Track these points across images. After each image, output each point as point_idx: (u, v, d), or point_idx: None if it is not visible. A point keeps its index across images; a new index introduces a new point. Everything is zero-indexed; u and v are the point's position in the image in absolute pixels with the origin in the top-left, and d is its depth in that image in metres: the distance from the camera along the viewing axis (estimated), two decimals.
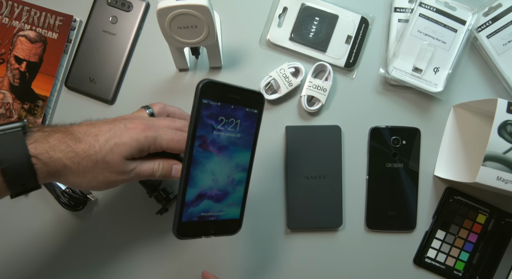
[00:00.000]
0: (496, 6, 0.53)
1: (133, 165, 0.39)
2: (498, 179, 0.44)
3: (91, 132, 0.37)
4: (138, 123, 0.39)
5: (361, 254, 0.55)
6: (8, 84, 0.54)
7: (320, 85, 0.53)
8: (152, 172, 0.40)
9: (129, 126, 0.38)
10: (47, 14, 0.54)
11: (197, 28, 0.43)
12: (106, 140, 0.37)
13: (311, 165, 0.54)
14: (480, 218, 0.55)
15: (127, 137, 0.38)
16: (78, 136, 0.37)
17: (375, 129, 0.55)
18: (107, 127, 0.38)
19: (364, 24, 0.55)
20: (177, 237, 0.35)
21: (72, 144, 0.36)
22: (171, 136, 0.40)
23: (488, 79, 0.55)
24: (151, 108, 0.45)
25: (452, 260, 0.55)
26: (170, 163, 0.42)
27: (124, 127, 0.38)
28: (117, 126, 0.38)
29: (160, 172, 0.41)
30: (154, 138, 0.39)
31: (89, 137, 0.37)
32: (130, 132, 0.38)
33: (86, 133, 0.37)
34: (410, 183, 0.55)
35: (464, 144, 0.54)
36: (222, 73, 0.55)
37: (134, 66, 0.55)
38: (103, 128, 0.38)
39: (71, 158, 0.36)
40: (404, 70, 0.53)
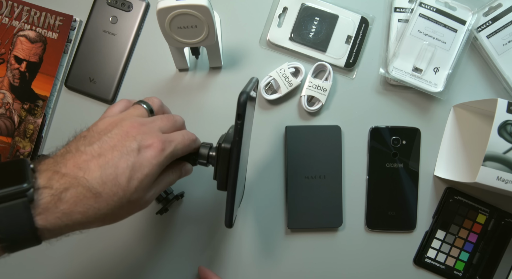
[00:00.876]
0: (496, 6, 0.53)
1: (153, 191, 0.36)
2: (498, 179, 0.44)
3: (108, 175, 0.31)
4: (152, 140, 0.34)
5: (361, 254, 0.55)
6: (8, 84, 0.54)
7: (320, 85, 0.53)
8: (169, 184, 0.39)
9: (143, 148, 0.33)
10: (47, 14, 0.54)
11: (197, 28, 0.43)
12: (128, 179, 0.32)
13: (311, 165, 0.54)
14: (480, 218, 0.55)
15: (148, 166, 0.33)
16: (96, 188, 0.31)
17: (375, 129, 0.55)
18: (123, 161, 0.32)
19: (364, 24, 0.55)
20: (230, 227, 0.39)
21: (92, 202, 0.31)
22: (182, 142, 0.37)
23: (488, 79, 0.55)
24: (148, 103, 0.39)
25: (452, 260, 0.55)
26: (179, 167, 0.40)
27: (139, 153, 0.33)
28: (132, 154, 0.33)
29: (175, 181, 0.40)
30: (172, 153, 0.35)
31: (109, 184, 0.31)
32: (148, 156, 0.33)
33: (103, 178, 0.31)
34: (410, 183, 0.55)
35: (464, 144, 0.54)
36: (222, 73, 0.55)
37: (134, 66, 0.55)
38: (120, 164, 0.32)
39: (93, 216, 0.31)
40: (404, 70, 0.53)
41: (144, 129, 0.35)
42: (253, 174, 0.55)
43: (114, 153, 0.32)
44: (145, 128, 0.35)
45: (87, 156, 0.32)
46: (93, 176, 0.31)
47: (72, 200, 0.30)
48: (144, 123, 0.36)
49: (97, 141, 0.33)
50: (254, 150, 0.55)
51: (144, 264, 0.54)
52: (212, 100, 0.55)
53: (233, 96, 0.55)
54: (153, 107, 0.40)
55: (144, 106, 0.39)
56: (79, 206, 0.30)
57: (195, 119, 0.55)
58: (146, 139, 0.34)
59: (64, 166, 0.31)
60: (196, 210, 0.55)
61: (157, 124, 0.37)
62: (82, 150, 0.32)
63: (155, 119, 0.38)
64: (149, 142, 0.34)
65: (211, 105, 0.55)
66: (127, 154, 0.33)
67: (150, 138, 0.34)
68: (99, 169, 0.31)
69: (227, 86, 0.55)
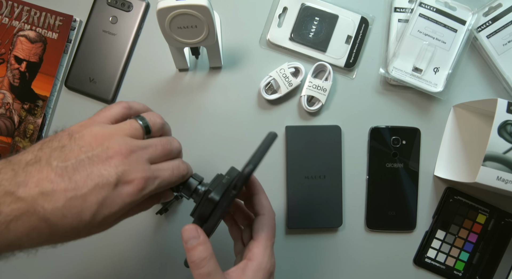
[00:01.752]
0: (496, 6, 0.53)
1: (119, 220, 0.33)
2: (498, 179, 0.44)
3: (72, 208, 0.27)
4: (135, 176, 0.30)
5: (361, 254, 0.55)
6: (8, 84, 0.54)
7: (320, 85, 0.53)
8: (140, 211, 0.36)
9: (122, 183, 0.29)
10: (47, 14, 0.54)
11: (197, 28, 0.43)
12: (92, 215, 0.28)
13: (311, 165, 0.53)
14: (480, 218, 0.55)
15: (119, 204, 0.29)
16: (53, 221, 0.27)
17: (375, 129, 0.55)
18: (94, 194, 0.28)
19: (364, 24, 0.55)
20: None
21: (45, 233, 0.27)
22: (169, 178, 0.33)
23: (488, 79, 0.55)
24: (147, 121, 0.34)
25: (452, 260, 0.55)
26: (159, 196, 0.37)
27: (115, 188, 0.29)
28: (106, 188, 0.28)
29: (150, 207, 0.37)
30: (152, 192, 0.31)
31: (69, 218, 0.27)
32: (124, 195, 0.29)
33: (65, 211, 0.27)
34: (410, 183, 0.55)
35: (464, 144, 0.54)
36: (222, 73, 0.55)
37: (134, 66, 0.55)
38: (89, 197, 0.28)
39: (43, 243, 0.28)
40: (404, 70, 0.53)
41: (130, 159, 0.30)
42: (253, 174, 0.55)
43: (88, 181, 0.28)
44: (133, 157, 0.30)
45: (56, 176, 0.27)
46: (54, 207, 0.27)
47: (22, 230, 0.26)
48: (134, 149, 0.31)
49: (73, 159, 0.28)
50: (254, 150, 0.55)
51: (144, 264, 0.54)
52: (212, 100, 0.55)
53: (233, 96, 0.55)
54: (151, 128, 0.34)
55: (140, 123, 0.33)
56: (29, 236, 0.27)
57: (195, 119, 0.55)
58: (128, 173, 0.29)
59: (23, 185, 0.27)
60: None
61: (148, 152, 0.32)
62: (54, 166, 0.28)
63: (148, 145, 0.32)
64: (130, 178, 0.29)
65: (211, 105, 0.55)
66: (101, 187, 0.28)
67: (133, 172, 0.30)
68: (64, 199, 0.27)
69: (227, 86, 0.55)
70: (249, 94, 0.55)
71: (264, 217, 0.38)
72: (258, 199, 0.39)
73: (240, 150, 0.55)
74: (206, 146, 0.55)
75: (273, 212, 0.39)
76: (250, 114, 0.55)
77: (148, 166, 0.31)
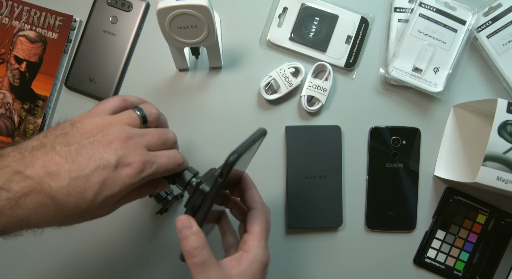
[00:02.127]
0: (496, 6, 0.53)
1: (119, 203, 0.35)
2: (498, 179, 0.44)
3: (76, 187, 0.30)
4: (132, 159, 0.32)
5: (361, 254, 0.55)
6: (8, 84, 0.54)
7: (320, 85, 0.53)
8: (137, 198, 0.37)
9: (122, 166, 0.31)
10: (47, 14, 0.54)
11: (197, 28, 0.43)
12: (95, 195, 0.30)
13: (311, 165, 0.54)
14: (480, 218, 0.55)
15: (119, 185, 0.31)
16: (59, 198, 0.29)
17: (375, 129, 0.55)
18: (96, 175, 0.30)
19: (364, 24, 0.55)
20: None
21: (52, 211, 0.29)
22: (166, 165, 0.35)
23: (488, 79, 0.55)
24: (144, 112, 0.37)
25: (452, 260, 0.55)
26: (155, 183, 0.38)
27: (116, 170, 0.31)
28: (107, 169, 0.31)
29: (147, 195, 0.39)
30: (150, 175, 0.33)
31: (74, 196, 0.30)
32: (123, 176, 0.31)
33: (70, 189, 0.29)
34: (410, 183, 0.55)
35: (464, 144, 0.54)
36: (222, 73, 0.55)
37: (134, 66, 0.55)
38: (91, 177, 0.30)
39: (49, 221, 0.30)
40: (404, 70, 0.53)
41: (129, 144, 0.32)
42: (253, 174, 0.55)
43: (90, 163, 0.30)
44: (131, 142, 0.33)
45: (61, 158, 0.30)
46: (60, 185, 0.29)
47: (31, 206, 0.29)
48: (132, 136, 0.33)
49: (76, 144, 0.31)
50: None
51: (144, 264, 0.54)
52: (212, 100, 0.55)
53: (233, 96, 0.55)
54: (148, 117, 0.37)
55: (138, 114, 0.36)
56: (36, 213, 0.29)
57: (195, 119, 0.55)
58: (127, 156, 0.32)
59: (31, 166, 0.29)
60: None
61: (145, 140, 0.34)
62: (58, 150, 0.30)
63: (145, 133, 0.35)
64: (129, 160, 0.32)
65: (211, 105, 0.55)
66: (102, 168, 0.30)
67: (131, 156, 0.32)
68: (68, 178, 0.29)
69: (227, 86, 0.55)
70: (249, 94, 0.55)
71: (257, 211, 0.39)
72: (250, 193, 0.41)
73: None
74: (206, 146, 0.55)
75: (265, 206, 0.40)
76: (250, 114, 0.55)
77: (146, 152, 0.34)
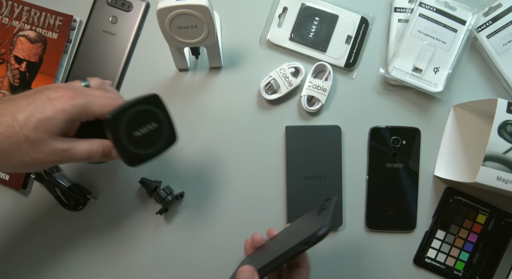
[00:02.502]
0: (496, 6, 0.53)
1: (66, 146, 0.35)
2: (498, 179, 0.44)
3: (7, 110, 0.33)
4: (64, 91, 0.35)
5: (361, 254, 0.55)
6: (8, 84, 0.54)
7: (320, 85, 0.53)
8: (89, 155, 0.37)
9: (53, 97, 0.34)
10: (47, 14, 0.54)
11: (197, 28, 0.43)
12: (26, 116, 0.33)
13: (311, 165, 0.53)
14: (480, 218, 0.55)
15: (51, 109, 0.33)
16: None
17: (375, 129, 0.55)
18: (26, 101, 0.34)
19: (364, 24, 0.55)
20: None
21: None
22: (103, 101, 0.36)
23: (488, 79, 0.55)
24: (87, 80, 0.40)
25: (452, 260, 0.55)
26: (109, 145, 0.38)
27: (47, 99, 0.34)
28: (38, 98, 0.34)
29: (100, 155, 0.38)
30: (84, 105, 0.35)
31: (6, 116, 0.33)
32: (55, 103, 0.34)
33: (2, 112, 0.33)
34: (410, 183, 0.55)
35: (464, 144, 0.54)
36: (222, 73, 0.55)
37: (134, 66, 0.55)
38: (21, 103, 0.33)
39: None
40: (404, 70, 0.53)
41: (65, 85, 0.37)
42: (254, 174, 0.55)
43: (23, 98, 0.34)
44: (67, 85, 0.37)
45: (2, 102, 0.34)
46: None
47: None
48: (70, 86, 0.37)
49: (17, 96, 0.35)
50: (254, 150, 0.55)
51: (144, 264, 0.54)
52: (212, 100, 0.55)
53: (233, 96, 0.55)
54: (90, 83, 0.40)
55: (82, 83, 0.40)
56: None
57: (195, 119, 0.55)
58: (58, 91, 0.35)
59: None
60: (196, 210, 0.55)
61: (82, 88, 0.38)
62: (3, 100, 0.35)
63: (85, 87, 0.39)
64: (60, 93, 0.35)
65: (211, 105, 0.55)
66: (33, 98, 0.34)
67: (63, 90, 0.35)
68: (2, 104, 0.34)
69: (227, 86, 0.55)
70: (249, 94, 0.55)
71: (304, 270, 0.40)
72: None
73: (240, 150, 0.55)
74: (206, 146, 0.55)
75: (309, 266, 0.41)
76: (250, 114, 0.55)
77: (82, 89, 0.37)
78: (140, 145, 0.39)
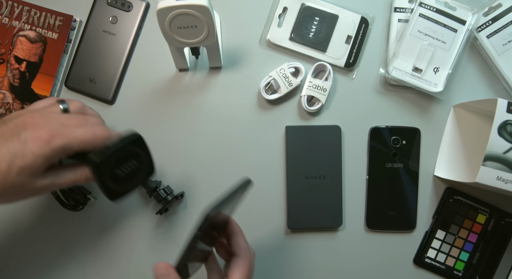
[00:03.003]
0: (496, 6, 0.53)
1: (49, 180, 0.36)
2: (498, 179, 0.44)
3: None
4: (40, 132, 0.34)
5: (361, 254, 0.55)
6: (8, 84, 0.54)
7: (320, 85, 0.53)
8: (74, 182, 0.38)
9: (29, 139, 0.34)
10: (47, 14, 0.54)
11: (197, 28, 0.43)
12: (8, 165, 0.33)
13: (311, 165, 0.54)
14: (480, 218, 0.55)
15: (30, 156, 0.33)
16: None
17: (375, 129, 0.55)
18: (4, 148, 0.33)
19: (364, 24, 0.55)
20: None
21: None
22: (82, 136, 0.36)
23: (488, 79, 0.55)
24: (66, 103, 0.39)
25: (452, 260, 0.55)
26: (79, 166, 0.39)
27: (25, 142, 0.33)
28: (16, 142, 0.33)
29: (84, 181, 0.39)
30: (62, 146, 0.35)
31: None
32: (32, 147, 0.33)
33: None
34: (410, 183, 0.55)
35: (464, 144, 0.54)
36: (222, 73, 0.55)
37: (134, 66, 0.55)
38: (1, 151, 0.33)
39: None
40: (404, 70, 0.53)
41: (41, 121, 0.35)
42: (253, 174, 0.55)
43: (1, 140, 0.34)
44: (44, 120, 0.35)
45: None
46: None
47: None
48: (47, 116, 0.36)
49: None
50: (254, 150, 0.55)
51: (143, 264, 0.54)
52: (212, 100, 0.55)
53: (233, 96, 0.55)
54: (69, 108, 0.39)
55: (60, 106, 0.39)
56: None
57: (195, 119, 0.55)
58: (35, 130, 0.34)
59: None
60: (196, 210, 0.55)
61: (60, 119, 0.36)
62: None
63: (62, 115, 0.37)
64: (36, 134, 0.34)
65: (211, 105, 0.55)
66: (12, 142, 0.33)
67: (39, 129, 0.34)
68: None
69: (227, 86, 0.55)
70: (249, 94, 0.55)
71: (240, 258, 0.39)
72: (235, 240, 0.41)
73: (240, 150, 0.55)
74: (206, 146, 0.55)
75: (249, 253, 0.40)
76: (250, 114, 0.55)
77: (58, 127, 0.35)
78: (121, 182, 0.40)
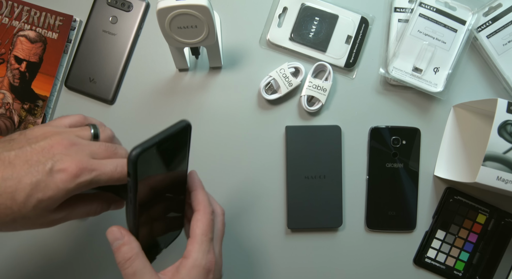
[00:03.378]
0: (496, 6, 0.53)
1: (63, 214, 0.34)
2: (498, 179, 0.44)
3: (7, 188, 0.29)
4: (69, 164, 0.31)
5: (361, 254, 0.55)
6: (8, 84, 0.54)
7: (320, 85, 0.53)
8: (87, 215, 0.36)
9: (57, 169, 0.30)
10: (47, 14, 0.54)
11: (197, 28, 0.43)
12: (27, 196, 0.30)
13: (311, 165, 0.54)
14: (480, 218, 0.55)
15: (53, 189, 0.30)
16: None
17: (375, 129, 0.55)
18: (27, 177, 0.30)
19: (364, 24, 0.55)
20: None
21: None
22: (110, 173, 0.33)
23: (488, 79, 0.55)
24: (97, 129, 0.36)
25: (452, 260, 0.55)
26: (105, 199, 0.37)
27: (49, 173, 0.30)
28: (40, 171, 0.30)
29: (98, 213, 0.37)
30: (89, 182, 0.32)
31: (4, 196, 0.29)
32: (57, 180, 0.30)
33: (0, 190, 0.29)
34: (410, 183, 0.55)
35: (464, 144, 0.54)
36: (222, 73, 0.55)
37: (134, 66, 0.55)
38: (23, 179, 0.30)
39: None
40: (404, 70, 0.53)
41: (70, 150, 0.32)
42: (253, 174, 0.55)
43: (25, 166, 0.30)
44: (73, 148, 0.32)
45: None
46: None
47: None
48: (76, 143, 0.33)
49: (18, 149, 0.31)
50: (254, 150, 0.55)
51: None
52: (212, 100, 0.55)
53: (233, 96, 0.55)
54: (100, 134, 0.36)
55: (91, 130, 0.36)
56: None
57: (195, 119, 0.55)
58: (63, 161, 0.31)
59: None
60: None
61: (90, 148, 0.33)
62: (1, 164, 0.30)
63: (92, 143, 0.34)
64: (65, 165, 0.30)
65: (211, 105, 0.55)
66: (36, 171, 0.30)
67: (69, 161, 0.31)
68: (0, 179, 0.29)
69: (227, 86, 0.55)
70: (249, 94, 0.55)
71: (199, 213, 0.37)
72: (194, 195, 0.38)
73: (240, 150, 0.55)
74: (206, 146, 0.55)
75: (209, 207, 0.37)
76: (250, 114, 0.55)
77: (87, 158, 0.32)
78: None
